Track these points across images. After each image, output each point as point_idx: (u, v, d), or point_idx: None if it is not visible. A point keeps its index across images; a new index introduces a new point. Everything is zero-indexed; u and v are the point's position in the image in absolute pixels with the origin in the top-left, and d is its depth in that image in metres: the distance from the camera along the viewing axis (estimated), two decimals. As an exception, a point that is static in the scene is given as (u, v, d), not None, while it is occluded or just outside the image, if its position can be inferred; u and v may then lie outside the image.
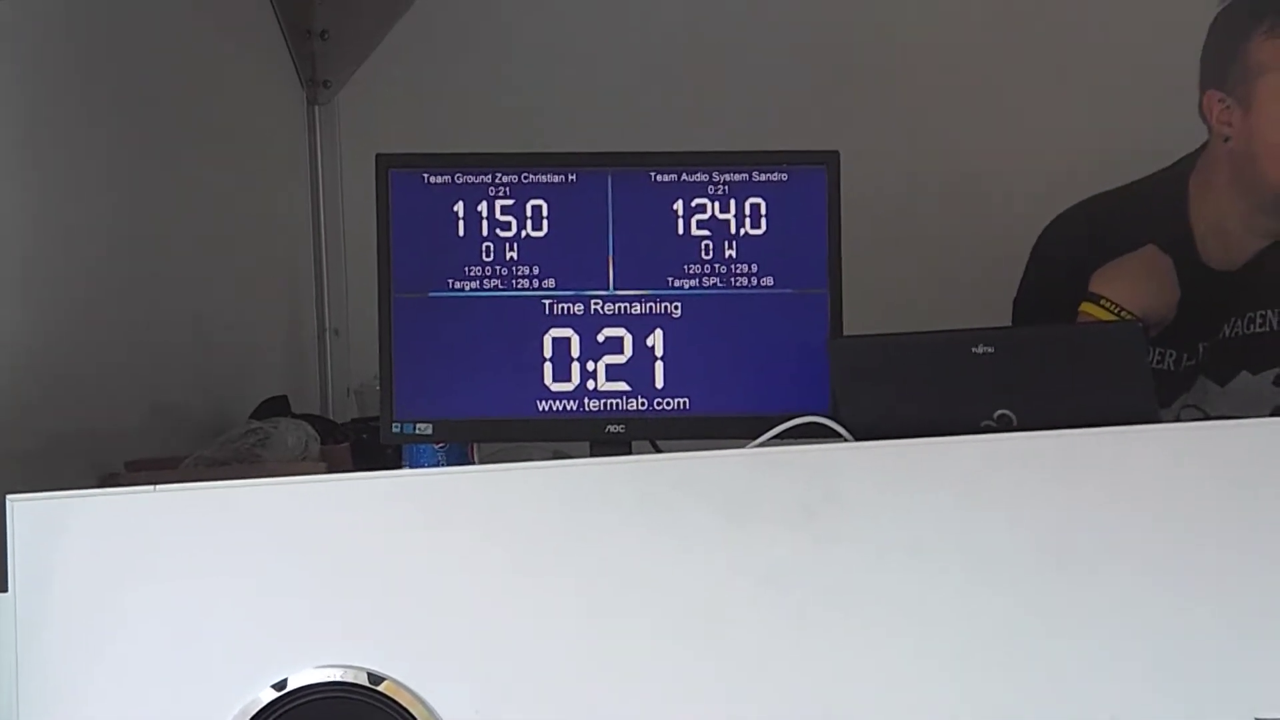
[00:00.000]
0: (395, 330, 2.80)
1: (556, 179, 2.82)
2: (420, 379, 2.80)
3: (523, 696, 2.47)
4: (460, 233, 2.82)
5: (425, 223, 2.82)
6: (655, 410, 2.79)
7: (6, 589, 2.51)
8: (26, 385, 3.18)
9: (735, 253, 2.81)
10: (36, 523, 2.51)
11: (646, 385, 2.79)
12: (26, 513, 2.51)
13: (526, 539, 2.50)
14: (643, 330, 2.80)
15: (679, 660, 2.48)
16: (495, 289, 2.81)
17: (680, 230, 2.82)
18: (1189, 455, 2.47)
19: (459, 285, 2.81)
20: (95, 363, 3.41)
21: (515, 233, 2.81)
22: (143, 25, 3.68)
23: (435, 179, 2.82)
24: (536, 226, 2.82)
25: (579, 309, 2.80)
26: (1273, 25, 3.50)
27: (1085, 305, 3.16)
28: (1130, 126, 3.89)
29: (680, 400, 2.80)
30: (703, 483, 2.49)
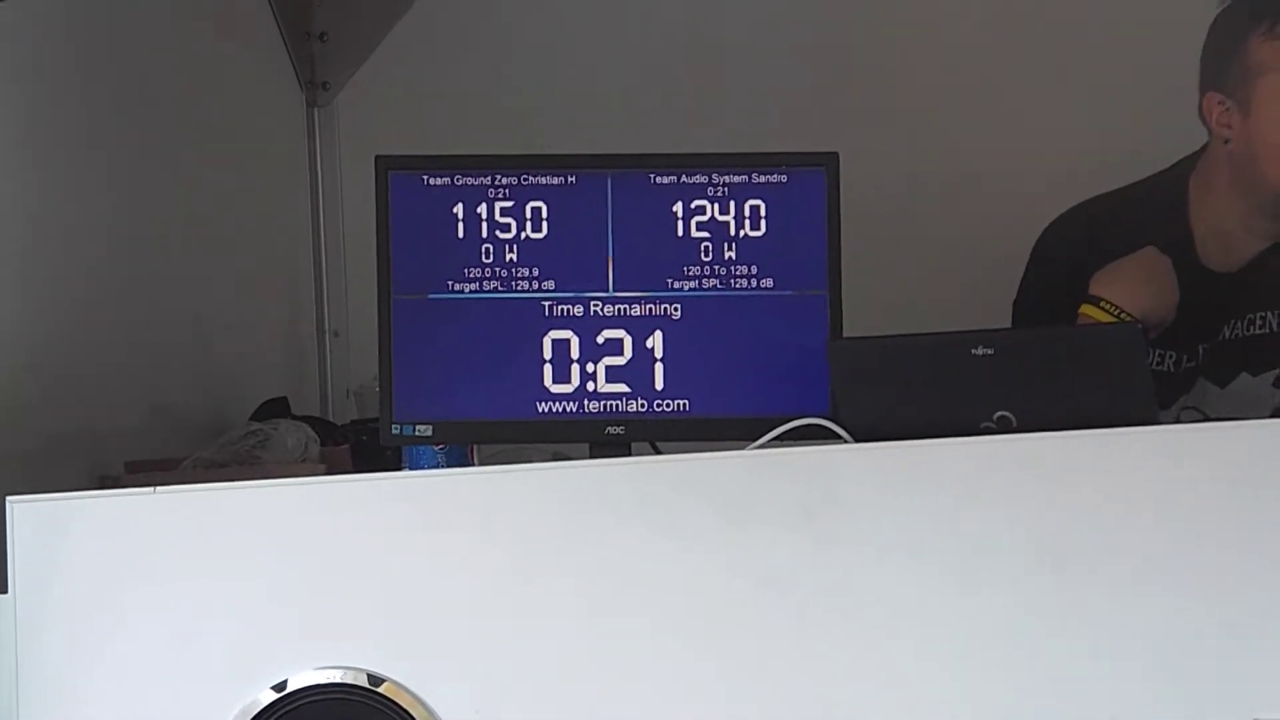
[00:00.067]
0: (395, 332, 2.80)
1: (556, 181, 2.82)
2: (420, 380, 2.79)
3: (523, 697, 2.47)
4: (460, 234, 2.81)
5: (425, 224, 2.82)
6: (655, 412, 2.79)
7: (6, 590, 2.51)
8: (26, 385, 3.18)
9: (735, 254, 2.80)
10: (37, 524, 2.51)
11: (646, 387, 2.79)
12: (27, 514, 2.51)
13: (526, 540, 2.50)
14: (642, 332, 2.80)
15: (679, 660, 2.48)
16: (495, 291, 2.81)
17: (680, 232, 2.81)
18: (1189, 457, 2.47)
19: (458, 287, 2.81)
20: (95, 363, 3.41)
21: (515, 234, 2.81)
22: (143, 26, 3.68)
23: (435, 181, 2.82)
24: (536, 228, 2.81)
25: (579, 311, 2.80)
26: (1272, 26, 3.49)
27: (1085, 307, 3.15)
28: (1130, 127, 3.89)
29: (680, 402, 2.79)
30: (702, 484, 2.49)
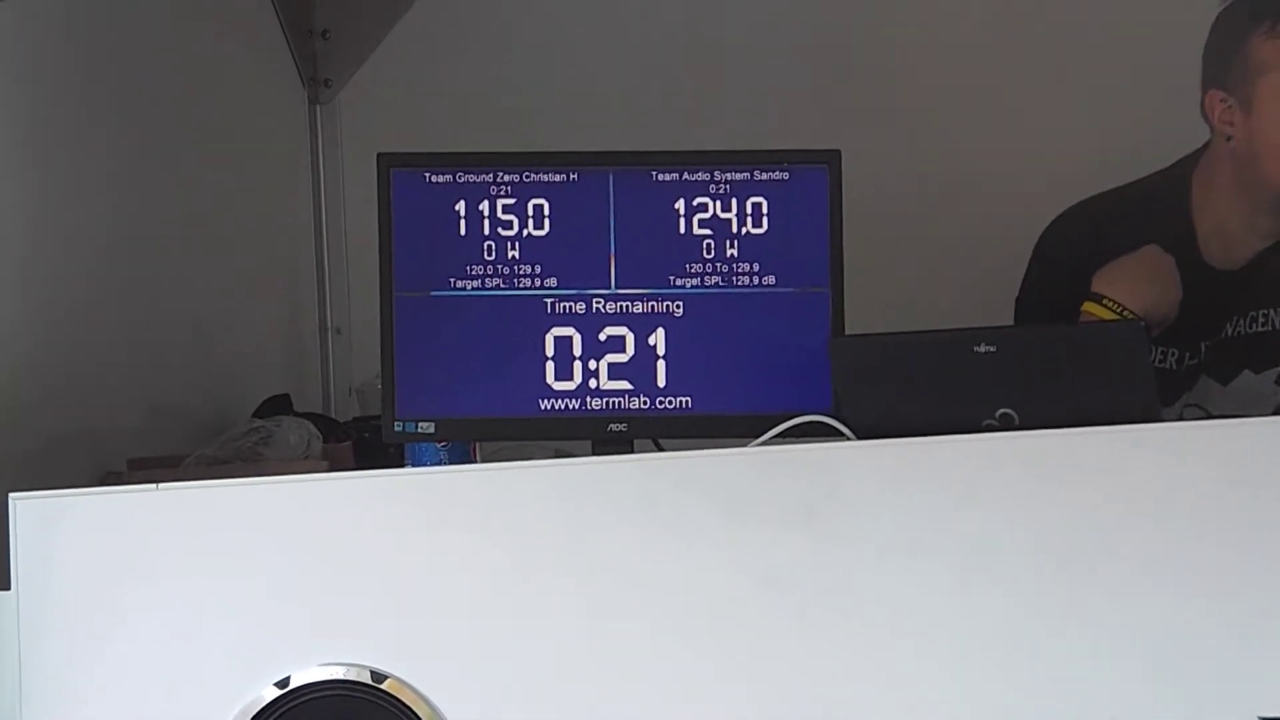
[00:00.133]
0: (397, 329, 2.80)
1: (558, 178, 2.82)
2: (422, 378, 2.79)
3: (524, 694, 2.47)
4: (462, 232, 2.81)
5: (426, 222, 2.82)
6: (657, 409, 2.79)
7: (9, 587, 2.51)
8: (28, 385, 3.18)
9: (737, 252, 2.80)
10: (39, 521, 2.51)
11: (648, 384, 2.79)
12: (29, 511, 2.51)
13: (528, 538, 2.50)
14: (644, 329, 2.80)
15: (679, 659, 2.48)
16: (497, 288, 2.80)
17: (682, 229, 2.81)
18: (1191, 454, 2.47)
19: (460, 284, 2.81)
20: (97, 362, 3.41)
21: (517, 232, 2.81)
22: (143, 25, 3.68)
23: (436, 178, 2.82)
24: (538, 225, 2.81)
25: (581, 308, 2.80)
26: (1273, 26, 3.50)
27: (1087, 305, 3.16)
28: (1130, 126, 3.89)
29: (682, 399, 2.79)
30: (705, 481, 2.49)
